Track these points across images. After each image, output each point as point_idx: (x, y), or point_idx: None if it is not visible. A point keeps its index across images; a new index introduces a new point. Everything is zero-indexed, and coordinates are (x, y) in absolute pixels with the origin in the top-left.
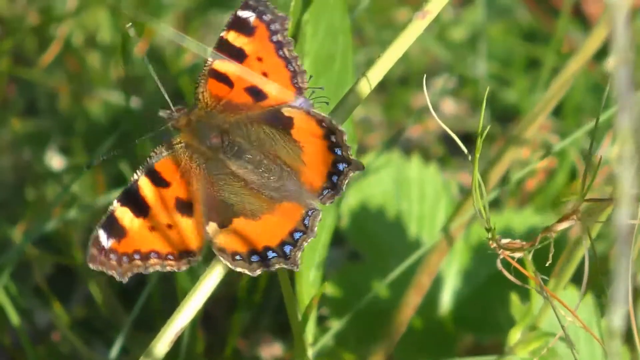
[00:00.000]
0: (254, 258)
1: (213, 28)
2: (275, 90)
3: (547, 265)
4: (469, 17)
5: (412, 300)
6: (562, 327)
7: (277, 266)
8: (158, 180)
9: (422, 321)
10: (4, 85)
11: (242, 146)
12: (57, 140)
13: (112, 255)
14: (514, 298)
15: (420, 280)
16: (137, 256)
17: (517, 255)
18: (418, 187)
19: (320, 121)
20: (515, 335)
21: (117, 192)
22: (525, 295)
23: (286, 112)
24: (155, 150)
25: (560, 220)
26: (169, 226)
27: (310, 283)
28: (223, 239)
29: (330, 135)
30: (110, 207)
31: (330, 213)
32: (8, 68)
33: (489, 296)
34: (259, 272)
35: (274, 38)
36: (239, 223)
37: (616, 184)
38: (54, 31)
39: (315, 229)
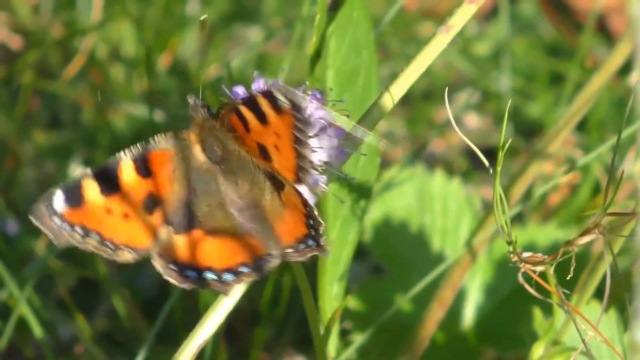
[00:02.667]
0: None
1: (237, 41)
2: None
3: (568, 279)
4: (493, 32)
5: (435, 314)
6: (584, 341)
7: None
8: None
9: (445, 336)
10: (27, 98)
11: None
12: (81, 153)
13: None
14: (537, 313)
15: (443, 294)
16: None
17: (539, 268)
18: (441, 201)
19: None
20: (538, 350)
21: None
22: (548, 311)
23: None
24: None
25: (582, 234)
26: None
27: (332, 297)
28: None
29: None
30: None
31: (353, 227)
32: (32, 81)
33: (512, 311)
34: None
35: (296, 126)
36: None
37: (639, 199)
38: (78, 44)
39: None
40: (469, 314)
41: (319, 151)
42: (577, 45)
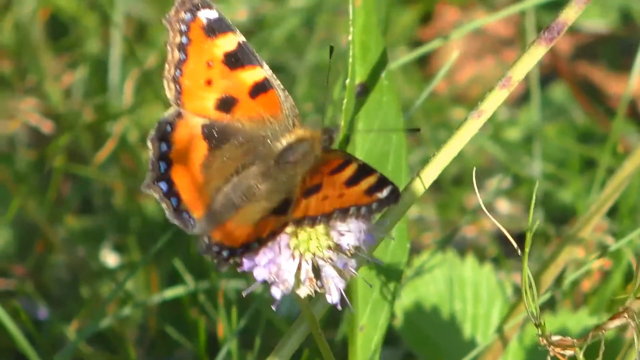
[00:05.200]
0: None
1: None
2: None
3: None
4: (524, 117)
5: None
6: None
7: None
8: None
9: None
10: (59, 182)
11: None
12: (112, 238)
13: None
14: None
15: None
16: None
17: (569, 352)
18: (472, 287)
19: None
20: None
21: (171, 291)
22: None
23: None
24: None
25: (611, 318)
26: None
27: None
28: None
29: None
30: None
31: (384, 311)
32: (63, 165)
33: None
34: None
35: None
36: None
37: None
38: (110, 128)
39: None
40: None
41: (347, 235)
42: (609, 131)
